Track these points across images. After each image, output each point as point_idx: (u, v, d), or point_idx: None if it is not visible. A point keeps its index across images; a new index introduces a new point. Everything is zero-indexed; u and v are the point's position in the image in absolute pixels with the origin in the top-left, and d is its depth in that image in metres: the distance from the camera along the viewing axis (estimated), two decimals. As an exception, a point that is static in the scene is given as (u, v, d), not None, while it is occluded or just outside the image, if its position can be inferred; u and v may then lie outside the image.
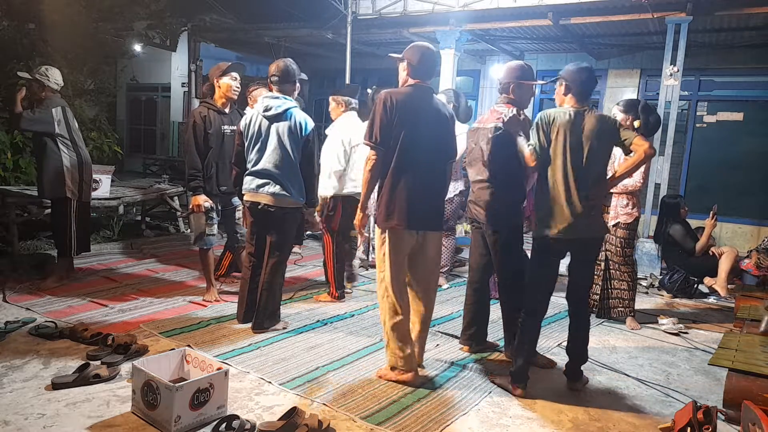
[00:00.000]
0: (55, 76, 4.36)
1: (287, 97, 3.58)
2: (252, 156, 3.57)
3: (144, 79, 11.85)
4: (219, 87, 4.07)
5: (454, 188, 5.03)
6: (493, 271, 3.50)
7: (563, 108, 2.95)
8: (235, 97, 4.16)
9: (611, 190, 4.00)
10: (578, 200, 2.84)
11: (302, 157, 3.58)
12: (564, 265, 3.09)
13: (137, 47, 8.50)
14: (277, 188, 3.50)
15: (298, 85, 3.67)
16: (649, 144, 2.88)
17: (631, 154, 2.95)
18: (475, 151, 3.37)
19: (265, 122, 3.53)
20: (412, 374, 2.99)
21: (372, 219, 4.57)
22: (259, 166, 3.53)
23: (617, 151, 3.30)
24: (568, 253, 3.07)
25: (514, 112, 3.15)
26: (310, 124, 3.60)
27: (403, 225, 2.91)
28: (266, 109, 3.53)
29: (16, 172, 5.87)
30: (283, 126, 3.50)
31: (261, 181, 3.53)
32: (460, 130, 4.94)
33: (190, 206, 4.06)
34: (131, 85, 12.29)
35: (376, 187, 3.03)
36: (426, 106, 2.98)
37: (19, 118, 4.19)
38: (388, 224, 2.94)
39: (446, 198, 4.96)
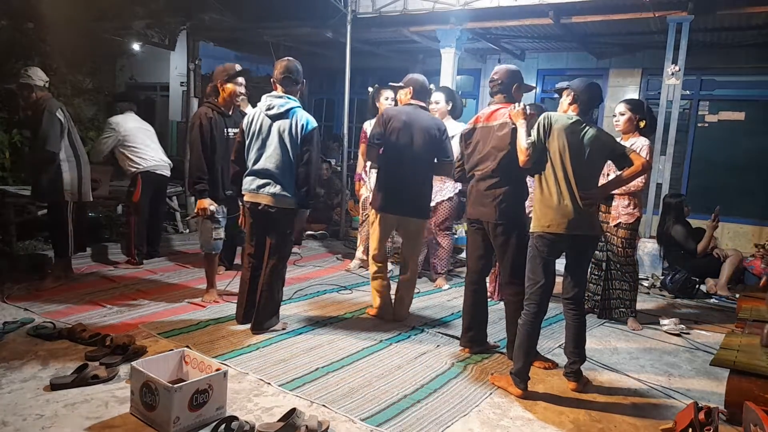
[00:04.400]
0: (38, 75, 4.33)
1: (291, 96, 3.55)
2: (252, 155, 3.54)
3: (143, 79, 11.81)
4: (223, 90, 4.03)
5: (453, 187, 5.02)
6: (490, 272, 3.53)
7: (567, 114, 3.04)
8: (239, 103, 4.12)
9: (612, 192, 4.00)
10: (578, 199, 2.92)
11: (301, 155, 3.51)
12: (560, 266, 3.09)
13: (136, 46, 8.47)
14: (277, 188, 3.47)
15: (300, 85, 3.64)
16: (646, 159, 3.10)
17: (625, 169, 3.07)
18: (480, 150, 3.34)
19: (267, 121, 3.49)
20: (378, 312, 4.09)
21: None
22: (259, 166, 3.50)
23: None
24: (563, 255, 3.09)
25: (523, 105, 3.14)
26: (312, 123, 3.53)
27: (385, 209, 3.93)
28: (269, 108, 3.50)
29: (15, 172, 5.85)
30: (284, 125, 3.46)
31: (261, 182, 3.50)
32: (459, 129, 4.93)
33: (195, 210, 4.03)
34: (130, 85, 12.26)
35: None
36: (414, 120, 3.86)
37: (44, 147, 4.15)
38: (376, 206, 3.98)
39: (446, 197, 5.00)
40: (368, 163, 5.09)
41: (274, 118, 3.48)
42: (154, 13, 7.73)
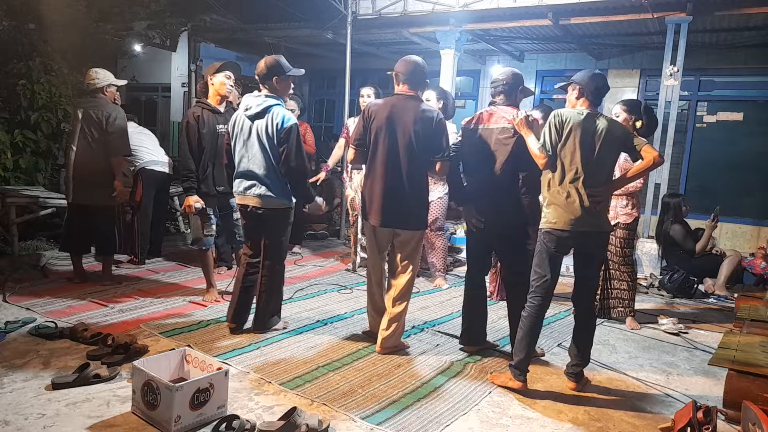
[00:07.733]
0: (93, 76, 4.45)
1: (272, 95, 3.46)
2: (237, 157, 3.51)
3: (144, 79, 11.84)
4: (212, 84, 4.05)
5: (444, 187, 5.00)
6: (489, 271, 3.52)
7: (577, 109, 3.02)
8: (229, 96, 4.14)
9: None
10: (586, 196, 2.91)
11: (280, 153, 3.40)
12: (567, 267, 3.09)
13: (137, 47, 8.49)
14: (262, 189, 3.44)
15: (287, 82, 3.54)
16: (658, 153, 2.99)
17: (639, 160, 3.03)
18: (481, 152, 3.34)
19: (247, 122, 3.45)
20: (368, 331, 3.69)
21: None
22: (244, 168, 3.48)
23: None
24: (572, 254, 3.09)
25: (525, 113, 3.16)
26: (288, 119, 3.40)
27: (374, 222, 3.41)
28: (246, 108, 3.46)
29: (16, 172, 5.87)
30: (261, 124, 3.40)
31: (248, 183, 3.47)
32: (451, 129, 4.93)
33: (183, 207, 4.05)
34: (131, 85, 12.25)
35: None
36: (401, 115, 3.30)
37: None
38: (364, 217, 3.51)
39: (437, 197, 4.98)
40: (349, 165, 5.04)
41: (252, 118, 3.43)
42: (155, 14, 7.76)
